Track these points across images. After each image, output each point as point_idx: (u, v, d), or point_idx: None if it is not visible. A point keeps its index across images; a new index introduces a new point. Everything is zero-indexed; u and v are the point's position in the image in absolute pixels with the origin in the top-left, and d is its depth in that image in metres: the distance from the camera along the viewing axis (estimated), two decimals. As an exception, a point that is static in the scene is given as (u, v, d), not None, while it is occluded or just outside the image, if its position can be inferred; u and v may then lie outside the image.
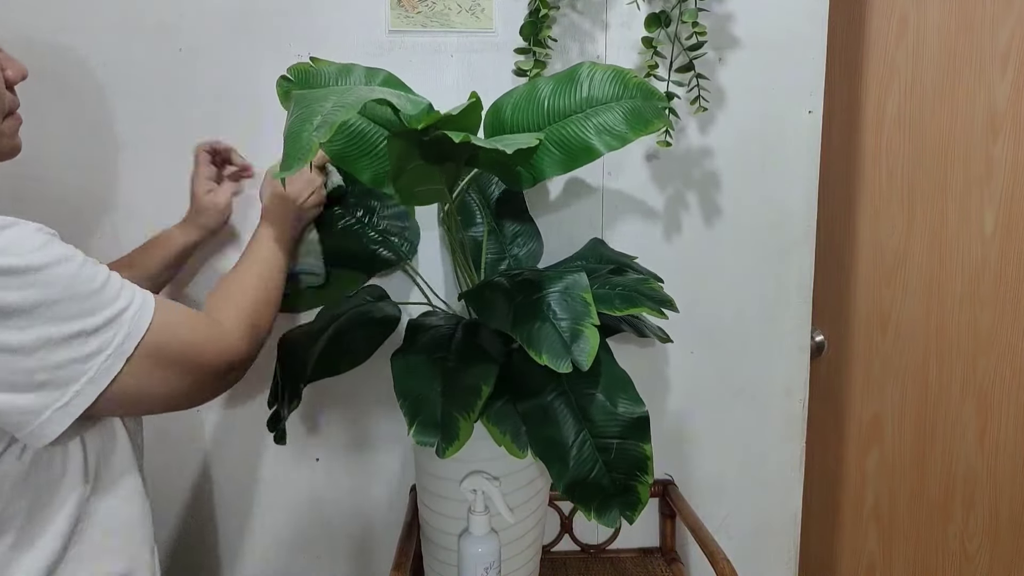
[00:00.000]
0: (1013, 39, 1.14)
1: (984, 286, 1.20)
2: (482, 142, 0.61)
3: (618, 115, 0.76)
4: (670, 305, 0.77)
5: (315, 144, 0.55)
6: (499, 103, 0.80)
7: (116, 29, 0.94)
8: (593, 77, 0.77)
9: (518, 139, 0.64)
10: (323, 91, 0.63)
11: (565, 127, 0.76)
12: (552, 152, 0.77)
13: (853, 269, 1.23)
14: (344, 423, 1.05)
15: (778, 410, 1.08)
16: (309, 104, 0.59)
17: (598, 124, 0.75)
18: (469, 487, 0.78)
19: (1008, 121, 1.16)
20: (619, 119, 0.75)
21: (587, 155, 0.75)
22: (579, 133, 0.76)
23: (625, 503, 0.73)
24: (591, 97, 0.77)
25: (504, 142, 0.62)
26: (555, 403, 0.75)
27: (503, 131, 0.79)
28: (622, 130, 0.75)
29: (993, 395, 1.23)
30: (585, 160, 0.76)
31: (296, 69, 0.76)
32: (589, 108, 0.77)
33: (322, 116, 0.56)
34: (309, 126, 0.56)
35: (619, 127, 0.75)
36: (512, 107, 0.79)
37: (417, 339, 0.81)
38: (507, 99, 0.80)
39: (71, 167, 0.96)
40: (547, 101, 0.78)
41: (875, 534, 1.29)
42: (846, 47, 1.16)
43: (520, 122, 0.78)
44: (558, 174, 0.78)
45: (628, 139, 0.75)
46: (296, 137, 0.56)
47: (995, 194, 1.18)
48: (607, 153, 0.75)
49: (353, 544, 1.07)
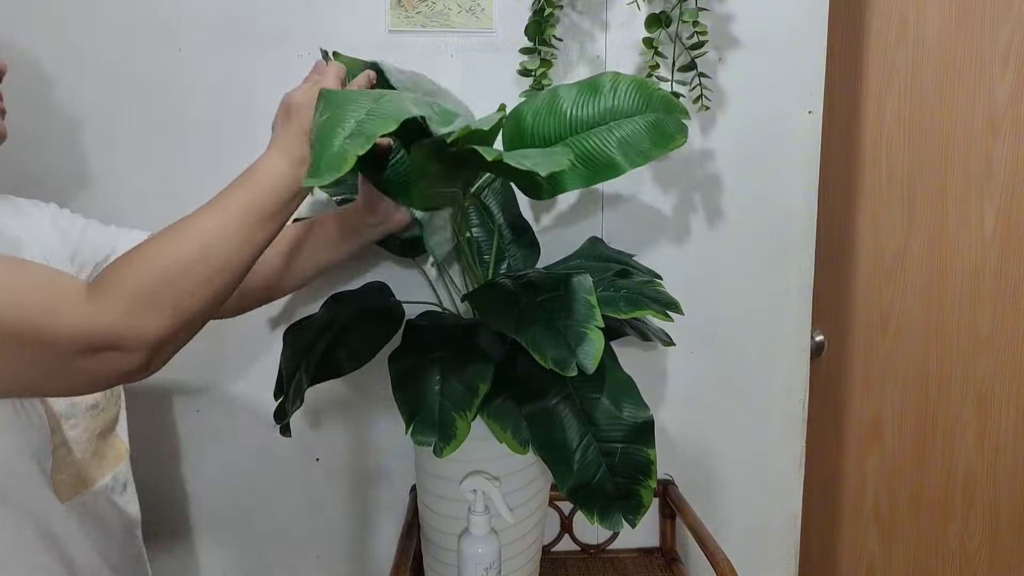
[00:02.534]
0: (1013, 39, 1.14)
1: (984, 286, 1.21)
2: (515, 162, 0.59)
3: (641, 129, 0.73)
4: (675, 307, 0.77)
5: (350, 156, 0.51)
6: (519, 110, 0.77)
7: (116, 29, 0.94)
8: (617, 88, 0.75)
9: (548, 159, 0.62)
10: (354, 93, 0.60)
11: (588, 140, 0.74)
12: (575, 166, 0.74)
13: (853, 269, 1.23)
14: (344, 423, 1.05)
15: (778, 410, 1.08)
16: (341, 105, 0.56)
17: (621, 138, 0.73)
18: (469, 487, 0.78)
19: (1008, 121, 1.16)
20: (643, 134, 0.73)
21: (611, 171, 0.73)
22: (603, 148, 0.73)
23: (628, 507, 0.73)
24: (614, 109, 0.74)
25: (534, 160, 0.60)
26: (559, 406, 0.75)
27: (523, 139, 0.77)
28: (646, 147, 0.72)
29: (993, 395, 1.23)
30: (608, 176, 0.73)
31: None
32: (612, 120, 0.74)
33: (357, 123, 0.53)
34: (341, 132, 0.53)
35: (643, 143, 0.72)
36: (533, 114, 0.76)
37: (415, 339, 0.81)
38: (527, 106, 0.78)
39: (71, 167, 0.96)
40: (569, 111, 0.75)
41: (875, 534, 1.29)
42: (846, 47, 1.16)
43: (541, 131, 0.76)
44: (579, 187, 0.75)
45: (652, 156, 0.72)
46: (327, 143, 0.53)
47: (995, 194, 1.18)
48: (631, 170, 0.72)
49: (353, 544, 1.07)
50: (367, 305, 0.88)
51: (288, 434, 0.86)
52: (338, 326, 0.83)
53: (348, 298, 0.90)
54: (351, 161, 0.51)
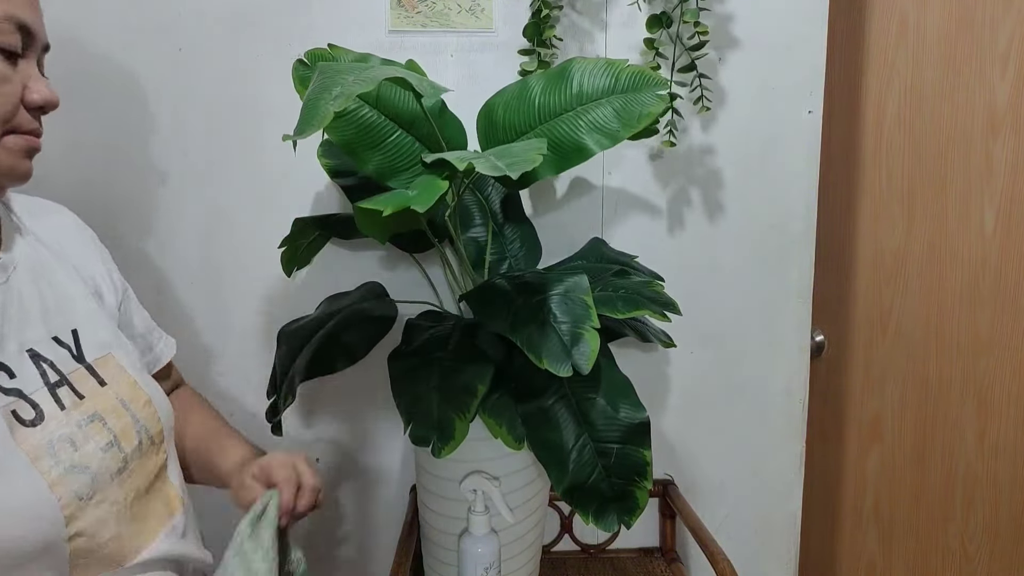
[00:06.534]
0: (1013, 39, 1.14)
1: (984, 286, 1.20)
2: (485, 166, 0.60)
3: (609, 111, 0.74)
4: (673, 307, 0.77)
5: (331, 112, 0.54)
6: (491, 103, 0.79)
7: (116, 29, 0.94)
8: (584, 71, 0.76)
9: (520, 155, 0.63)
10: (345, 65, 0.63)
11: (556, 126, 0.75)
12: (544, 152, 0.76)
13: (853, 269, 1.23)
14: (344, 423, 1.05)
15: (778, 410, 1.08)
16: (331, 76, 0.59)
17: (589, 122, 0.74)
18: (469, 487, 0.78)
19: (1008, 121, 1.16)
20: (611, 115, 0.74)
21: (579, 155, 0.74)
22: (570, 132, 0.74)
23: (623, 508, 0.73)
24: (582, 93, 0.75)
25: (506, 158, 0.61)
26: (556, 406, 0.75)
27: (496, 133, 0.78)
28: (614, 127, 0.73)
29: (993, 395, 1.23)
30: (577, 160, 0.74)
31: (313, 54, 0.76)
32: (580, 105, 0.75)
33: (341, 88, 0.57)
34: (328, 95, 0.56)
35: (611, 124, 0.73)
36: (504, 107, 0.78)
37: (414, 339, 0.81)
38: (499, 98, 0.79)
39: (70, 167, 0.96)
40: (538, 99, 0.76)
41: (875, 534, 1.29)
42: (846, 47, 1.16)
43: (512, 122, 0.77)
44: (551, 175, 0.77)
45: (620, 136, 0.73)
46: (314, 105, 0.57)
47: (995, 194, 1.18)
48: (600, 152, 0.73)
49: (353, 544, 1.07)
50: (361, 304, 0.88)
51: (279, 433, 0.86)
52: (332, 323, 0.84)
53: (343, 298, 0.90)
54: (331, 116, 0.54)
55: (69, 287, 0.63)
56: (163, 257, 0.99)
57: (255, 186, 0.98)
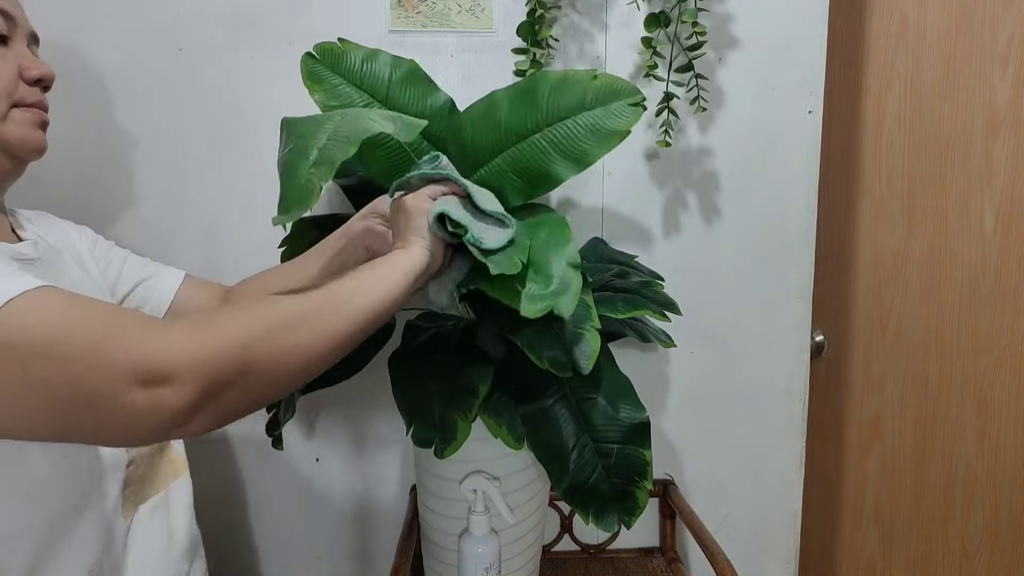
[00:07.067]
0: (1013, 39, 1.14)
1: (984, 286, 1.20)
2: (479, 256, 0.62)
3: (578, 131, 0.69)
4: (673, 308, 0.77)
5: (317, 187, 0.49)
6: (460, 122, 0.74)
7: (116, 29, 0.94)
8: (549, 88, 0.71)
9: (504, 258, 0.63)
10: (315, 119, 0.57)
11: (524, 152, 0.71)
12: (512, 179, 0.71)
13: (853, 269, 1.23)
14: (344, 423, 1.05)
15: (778, 410, 1.08)
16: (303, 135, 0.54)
17: (557, 145, 0.69)
18: (469, 487, 0.78)
19: (1008, 121, 1.16)
20: (581, 135, 0.69)
21: (547, 183, 0.70)
22: (538, 159, 0.70)
23: (623, 508, 0.73)
24: (548, 112, 0.70)
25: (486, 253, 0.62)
26: (556, 407, 0.75)
27: (464, 155, 0.75)
28: (582, 149, 0.69)
29: (993, 395, 1.23)
30: (547, 188, 0.71)
31: (322, 48, 0.75)
32: (548, 126, 0.70)
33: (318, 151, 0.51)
34: (305, 162, 0.51)
35: (580, 145, 0.69)
36: (472, 126, 0.74)
37: (415, 340, 0.81)
38: (468, 116, 0.75)
39: (70, 168, 0.96)
40: (504, 119, 0.72)
41: (875, 534, 1.29)
42: (846, 47, 1.16)
43: (480, 144, 0.73)
44: (521, 202, 0.73)
45: (590, 160, 0.69)
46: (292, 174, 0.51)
47: (995, 194, 1.18)
48: (571, 178, 0.70)
49: (353, 544, 1.07)
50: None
51: (280, 447, 0.85)
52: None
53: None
54: (318, 191, 0.49)
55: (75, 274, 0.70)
56: (163, 257, 0.98)
57: (255, 186, 0.98)
